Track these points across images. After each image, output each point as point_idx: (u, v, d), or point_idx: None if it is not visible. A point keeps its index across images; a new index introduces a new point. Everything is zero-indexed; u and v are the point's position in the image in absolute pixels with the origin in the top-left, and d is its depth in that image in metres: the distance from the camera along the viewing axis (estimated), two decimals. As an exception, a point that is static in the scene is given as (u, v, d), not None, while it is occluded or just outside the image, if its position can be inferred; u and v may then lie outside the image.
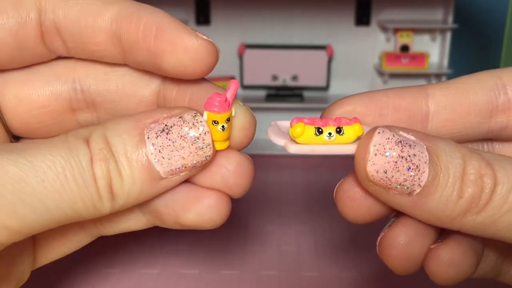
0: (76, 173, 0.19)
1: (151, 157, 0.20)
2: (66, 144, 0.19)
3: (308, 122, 0.21)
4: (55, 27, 0.21)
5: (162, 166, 0.20)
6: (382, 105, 0.22)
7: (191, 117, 0.20)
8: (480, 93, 0.22)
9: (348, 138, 0.21)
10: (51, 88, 0.23)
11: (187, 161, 0.20)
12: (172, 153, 0.20)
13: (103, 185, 0.19)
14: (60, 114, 0.24)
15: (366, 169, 0.20)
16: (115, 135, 0.20)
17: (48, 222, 0.19)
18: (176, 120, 0.20)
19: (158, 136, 0.20)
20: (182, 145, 0.20)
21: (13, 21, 0.21)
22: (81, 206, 0.19)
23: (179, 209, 0.22)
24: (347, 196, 0.22)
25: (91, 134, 0.20)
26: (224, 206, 0.22)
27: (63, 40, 0.22)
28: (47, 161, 0.18)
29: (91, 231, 0.25)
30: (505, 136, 0.23)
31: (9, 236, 0.18)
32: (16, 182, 0.18)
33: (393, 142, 0.19)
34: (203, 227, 0.22)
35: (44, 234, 0.24)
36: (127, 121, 0.20)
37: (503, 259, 0.24)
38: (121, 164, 0.20)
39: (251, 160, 0.23)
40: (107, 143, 0.20)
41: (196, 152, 0.20)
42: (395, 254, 0.22)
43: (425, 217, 0.20)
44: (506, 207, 0.19)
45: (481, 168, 0.19)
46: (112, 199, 0.20)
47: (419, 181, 0.19)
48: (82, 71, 0.24)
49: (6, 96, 0.23)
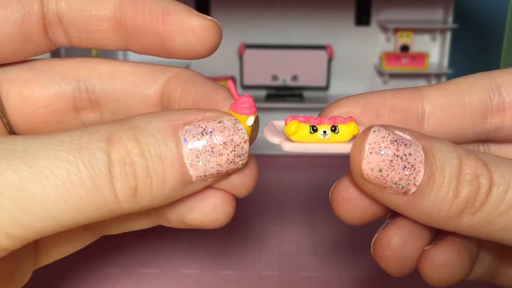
0: (85, 177, 0.17)
1: (187, 160, 0.19)
2: (77, 144, 0.18)
3: (303, 120, 0.21)
4: (58, 18, 0.22)
5: (197, 171, 0.19)
6: (378, 106, 0.23)
7: (232, 124, 0.20)
8: (475, 94, 0.22)
9: (343, 137, 0.21)
10: (56, 87, 0.23)
11: (223, 168, 0.20)
12: (210, 159, 0.19)
13: (124, 187, 0.18)
14: (64, 113, 0.24)
15: (361, 167, 0.19)
16: (147, 134, 0.19)
17: (55, 228, 0.18)
18: (215, 125, 0.20)
19: (196, 140, 0.19)
20: (221, 152, 0.19)
21: (17, 14, 0.21)
22: (93, 212, 0.18)
23: (184, 209, 0.22)
24: (342, 197, 0.22)
25: (115, 131, 0.18)
26: (229, 206, 0.22)
27: (66, 31, 0.22)
28: (51, 166, 0.17)
29: (95, 230, 0.24)
30: (500, 137, 0.23)
31: (13, 242, 0.18)
32: (15, 190, 0.17)
33: (388, 140, 0.19)
34: (208, 226, 0.22)
35: (48, 236, 0.23)
36: (158, 120, 0.19)
37: (499, 261, 0.24)
38: (152, 166, 0.18)
39: (255, 160, 0.23)
40: (139, 143, 0.18)
41: (234, 160, 0.20)
42: (389, 255, 0.22)
43: (420, 217, 0.20)
44: (502, 208, 0.19)
45: (477, 168, 0.19)
46: (134, 201, 0.19)
47: (414, 181, 0.19)
48: (86, 71, 0.24)
49: (11, 94, 0.23)
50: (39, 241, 0.24)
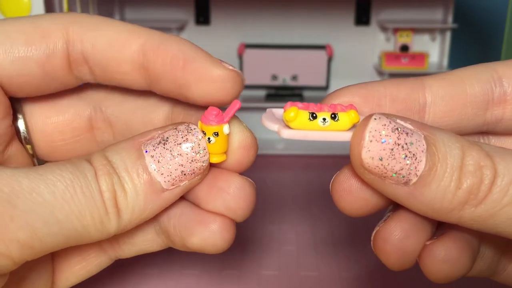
0: (83, 185, 0.19)
1: (151, 168, 0.20)
2: (72, 163, 0.20)
3: (302, 107, 0.21)
4: (83, 57, 0.22)
5: (163, 176, 0.21)
6: (379, 95, 0.22)
7: (185, 127, 0.21)
8: (476, 85, 0.22)
9: (343, 125, 0.21)
10: (75, 106, 0.25)
11: (186, 168, 0.21)
12: (170, 161, 0.21)
13: (109, 198, 0.20)
14: (82, 131, 0.25)
15: (361, 156, 0.19)
16: (114, 154, 0.21)
17: (58, 237, 0.19)
18: (171, 132, 0.21)
19: (156, 148, 0.21)
20: (179, 152, 0.21)
21: (41, 53, 0.21)
22: (89, 220, 0.19)
23: (185, 232, 0.23)
24: (343, 188, 0.22)
25: (92, 156, 0.21)
26: (228, 232, 0.23)
27: (91, 69, 0.22)
28: (56, 175, 0.19)
29: (109, 253, 0.25)
30: (501, 129, 0.23)
31: (22, 251, 0.18)
32: (28, 193, 0.18)
33: (389, 129, 0.19)
34: (208, 251, 0.23)
35: (63, 255, 0.24)
36: (125, 141, 0.21)
37: (500, 256, 0.24)
38: (123, 179, 0.20)
39: (252, 183, 0.23)
40: (108, 161, 0.20)
41: (194, 157, 0.21)
42: (390, 249, 0.21)
43: (421, 209, 0.20)
44: (506, 200, 0.19)
45: (481, 159, 0.19)
46: (118, 215, 0.20)
47: (415, 170, 0.19)
48: (102, 93, 0.25)
49: (34, 112, 0.24)
50: (55, 263, 0.24)
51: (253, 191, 0.23)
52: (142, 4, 0.62)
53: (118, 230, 0.21)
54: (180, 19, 0.62)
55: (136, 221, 0.21)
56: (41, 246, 0.19)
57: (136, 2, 0.62)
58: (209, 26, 0.62)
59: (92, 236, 0.20)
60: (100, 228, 0.20)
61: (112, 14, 0.60)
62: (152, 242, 0.24)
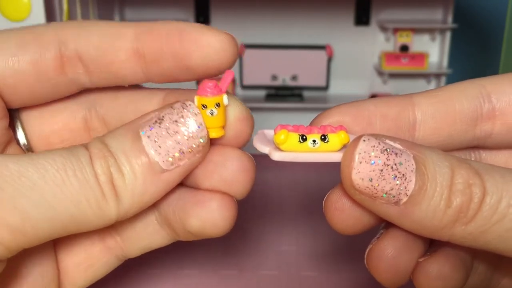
0: (77, 168, 0.19)
1: (148, 148, 0.20)
2: (67, 148, 0.20)
3: (292, 129, 0.21)
4: (77, 55, 0.22)
5: (160, 156, 0.20)
6: (370, 114, 0.22)
7: (180, 104, 0.21)
8: (465, 101, 0.22)
9: (333, 146, 0.21)
10: (69, 108, 0.24)
11: (183, 146, 0.20)
12: (167, 139, 0.20)
13: (105, 181, 0.19)
14: (78, 132, 0.25)
15: (351, 177, 0.19)
16: (111, 138, 0.20)
17: (54, 223, 0.19)
18: (167, 111, 0.21)
19: (152, 128, 0.20)
20: (176, 129, 0.20)
21: (33, 53, 0.21)
22: (85, 205, 0.19)
23: (184, 215, 0.22)
24: (336, 207, 0.22)
25: (89, 142, 0.20)
26: (228, 210, 0.22)
27: (86, 68, 0.22)
28: (47, 159, 0.19)
29: (115, 251, 0.25)
30: (491, 143, 0.23)
31: (14, 237, 0.18)
32: (16, 177, 0.18)
33: (378, 150, 0.19)
34: (209, 234, 0.22)
35: (66, 251, 0.24)
36: (122, 126, 0.21)
37: (493, 271, 0.24)
38: (120, 162, 0.20)
39: (250, 156, 0.22)
40: (105, 145, 0.20)
41: (190, 134, 0.20)
42: (383, 266, 0.22)
43: (413, 227, 0.20)
44: (495, 218, 0.19)
45: (470, 177, 0.19)
46: (116, 199, 0.20)
47: (405, 190, 0.19)
48: (95, 94, 0.25)
49: (31, 114, 0.24)
50: (61, 264, 0.24)
51: (252, 164, 0.22)
52: (142, 4, 0.62)
53: (119, 216, 0.20)
54: (180, 19, 0.62)
55: (137, 205, 0.20)
56: (35, 232, 0.19)
57: (136, 2, 0.62)
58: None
59: (92, 222, 0.20)
60: (98, 213, 0.19)
61: (112, 15, 0.60)
62: (156, 235, 0.24)
